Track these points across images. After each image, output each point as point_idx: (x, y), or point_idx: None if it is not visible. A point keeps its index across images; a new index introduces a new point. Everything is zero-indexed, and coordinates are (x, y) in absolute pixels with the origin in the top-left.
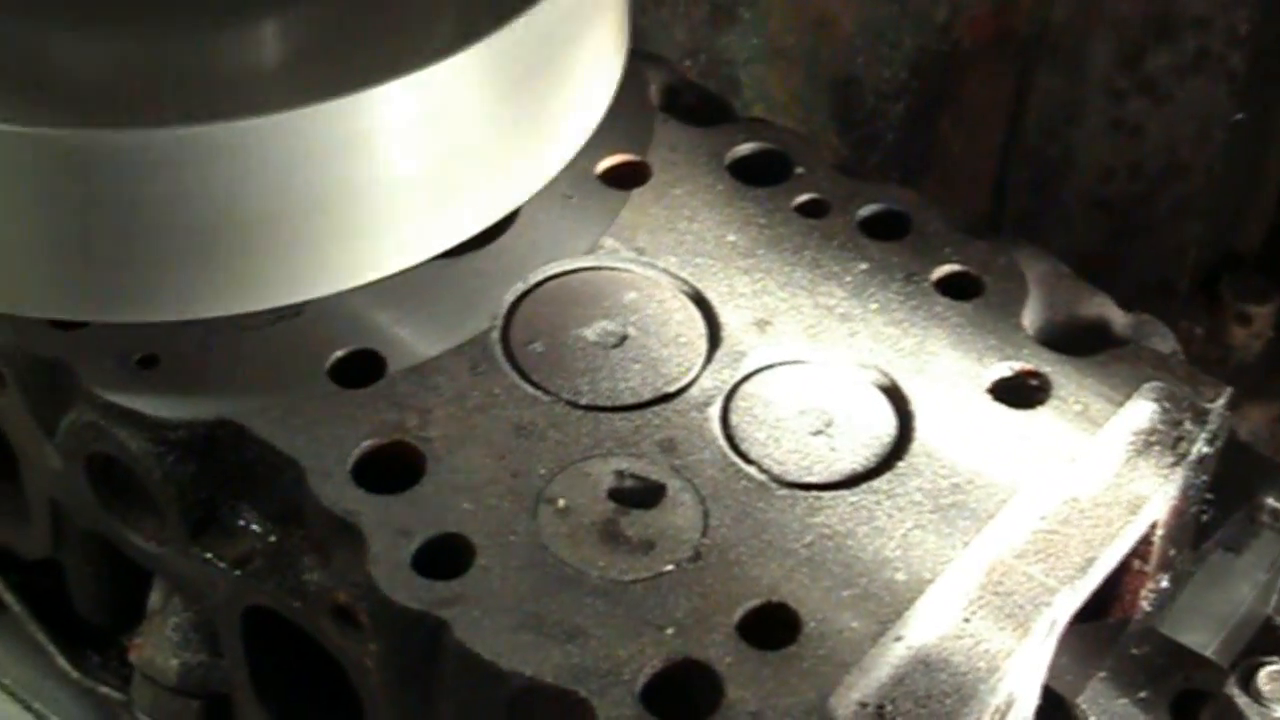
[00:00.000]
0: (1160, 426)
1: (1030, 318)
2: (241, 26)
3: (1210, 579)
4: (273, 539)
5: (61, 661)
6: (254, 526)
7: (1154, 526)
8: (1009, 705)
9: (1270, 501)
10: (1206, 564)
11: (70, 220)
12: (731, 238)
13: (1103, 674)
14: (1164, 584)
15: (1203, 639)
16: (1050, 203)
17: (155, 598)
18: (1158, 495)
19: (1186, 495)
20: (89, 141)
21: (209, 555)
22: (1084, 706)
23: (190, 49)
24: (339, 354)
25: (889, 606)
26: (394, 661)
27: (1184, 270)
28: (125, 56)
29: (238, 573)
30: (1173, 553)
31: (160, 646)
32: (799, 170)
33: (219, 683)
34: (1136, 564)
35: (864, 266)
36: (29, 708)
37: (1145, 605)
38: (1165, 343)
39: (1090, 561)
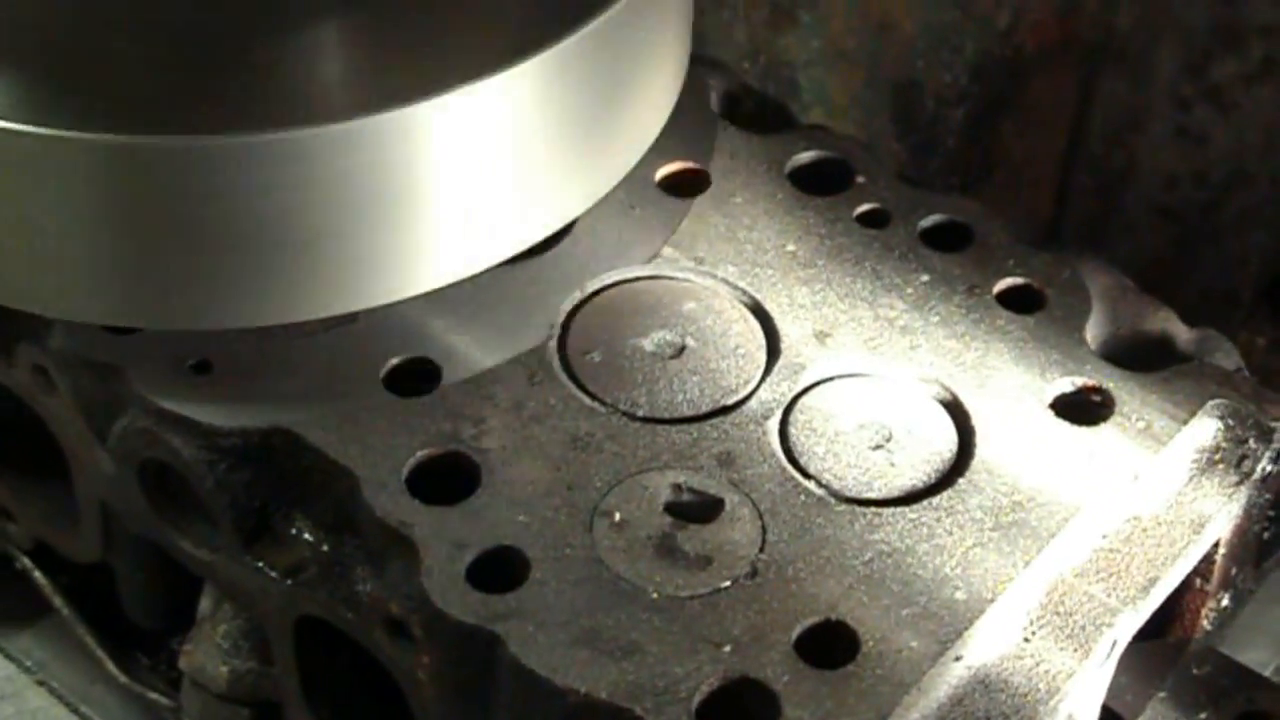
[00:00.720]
0: (1224, 444)
1: (1093, 332)
2: (302, 36)
3: (1272, 596)
4: (326, 548)
5: (110, 666)
6: (307, 535)
7: (1217, 545)
8: None
9: None
10: (1268, 581)
11: (125, 226)
12: (791, 247)
13: (1163, 694)
14: (1225, 602)
15: (1264, 656)
16: (1113, 210)
17: (205, 604)
18: (1221, 514)
19: (1250, 514)
20: (145, 148)
21: (261, 564)
22: None
23: (250, 58)
24: (394, 362)
25: (949, 626)
26: (447, 674)
27: (1247, 280)
28: (184, 65)
29: (290, 582)
30: (1234, 571)
31: (210, 653)
32: (860, 179)
33: (269, 690)
34: (1198, 583)
35: (925, 278)
36: (76, 710)
37: (1206, 624)
38: (1229, 359)
39: (1153, 581)
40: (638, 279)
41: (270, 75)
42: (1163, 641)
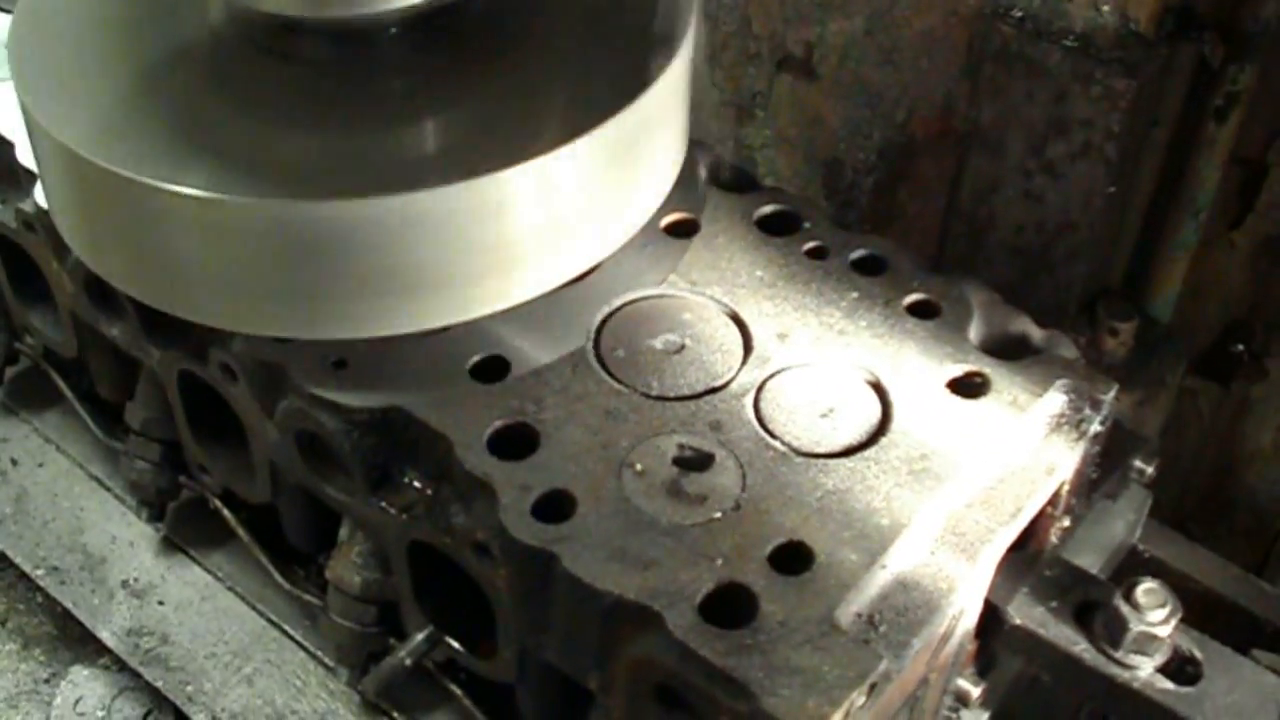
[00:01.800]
0: (1067, 412)
1: (974, 333)
2: (408, 125)
3: (1095, 519)
4: (430, 492)
5: (277, 576)
6: (416, 483)
7: (1062, 484)
8: (961, 614)
9: (1136, 463)
10: (1094, 509)
11: (287, 268)
12: (759, 273)
13: (1025, 589)
14: (1067, 523)
15: (1091, 561)
16: (979, 249)
17: (343, 532)
18: (1065, 462)
19: (1085, 461)
20: (298, 210)
21: (384, 504)
22: (1012, 613)
23: (372, 140)
24: (476, 358)
25: (877, 543)
26: (518, 583)
27: (1072, 297)
28: (324, 147)
29: (405, 517)
30: (1073, 502)
31: (347, 567)
32: (806, 224)
33: (390, 593)
34: (1049, 510)
35: (855, 295)
36: (253, 607)
37: (1054, 539)
38: (1069, 351)
39: (1019, 510)
40: (650, 297)
41: (389, 153)
42: (1024, 552)
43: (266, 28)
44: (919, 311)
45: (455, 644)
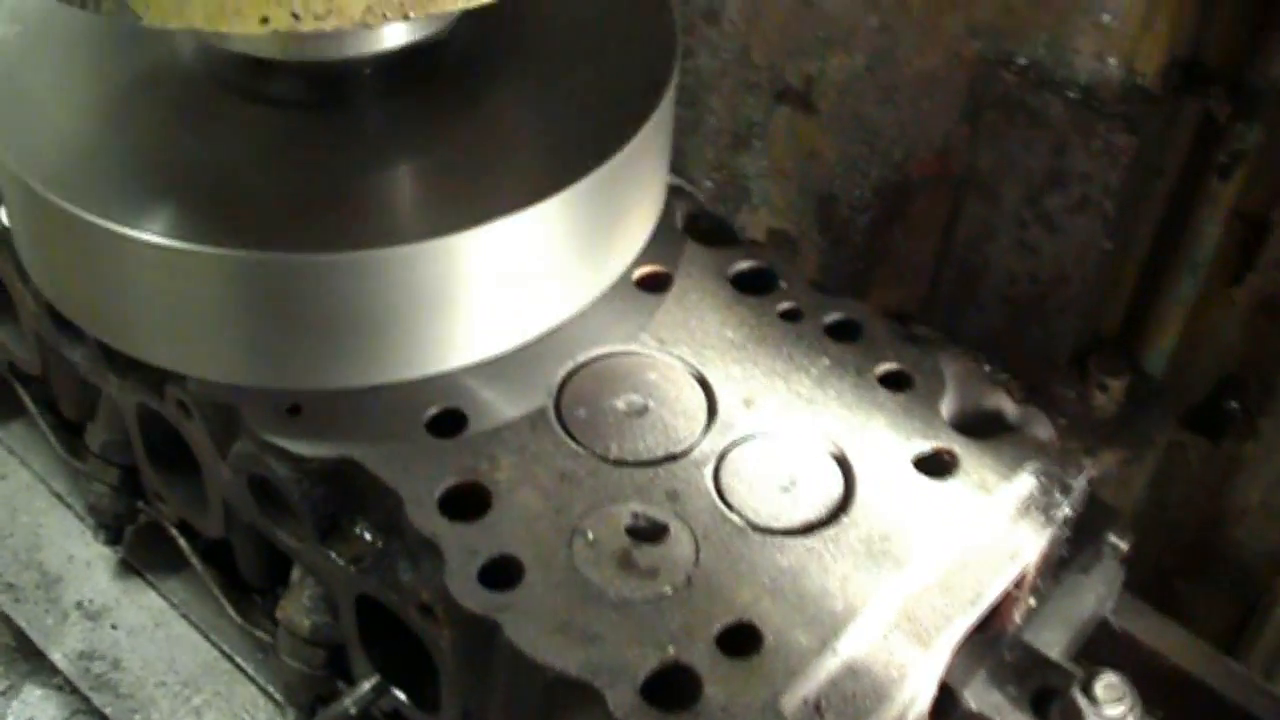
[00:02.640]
0: (1037, 495)
1: (947, 407)
2: (378, 172)
3: (1066, 593)
4: (379, 545)
5: (230, 609)
6: (366, 535)
7: (1026, 567)
8: (913, 700)
9: (1110, 538)
10: (1064, 584)
11: (244, 317)
12: (729, 334)
13: (984, 673)
14: (1032, 603)
15: (1059, 635)
16: (971, 295)
17: (295, 574)
18: (1031, 546)
19: (1053, 544)
20: (258, 262)
21: (333, 554)
22: (968, 698)
23: (340, 186)
24: (433, 410)
25: (828, 627)
26: (461, 646)
27: (1064, 350)
28: (291, 190)
29: (353, 569)
30: (1039, 583)
31: (298, 610)
32: (782, 284)
33: (340, 637)
34: (1014, 593)
35: (826, 362)
36: (207, 637)
37: (1018, 619)
38: (1045, 430)
39: (979, 596)
40: (616, 354)
41: (356, 203)
42: (986, 632)
43: (236, 65)
44: (891, 382)
45: (401, 695)
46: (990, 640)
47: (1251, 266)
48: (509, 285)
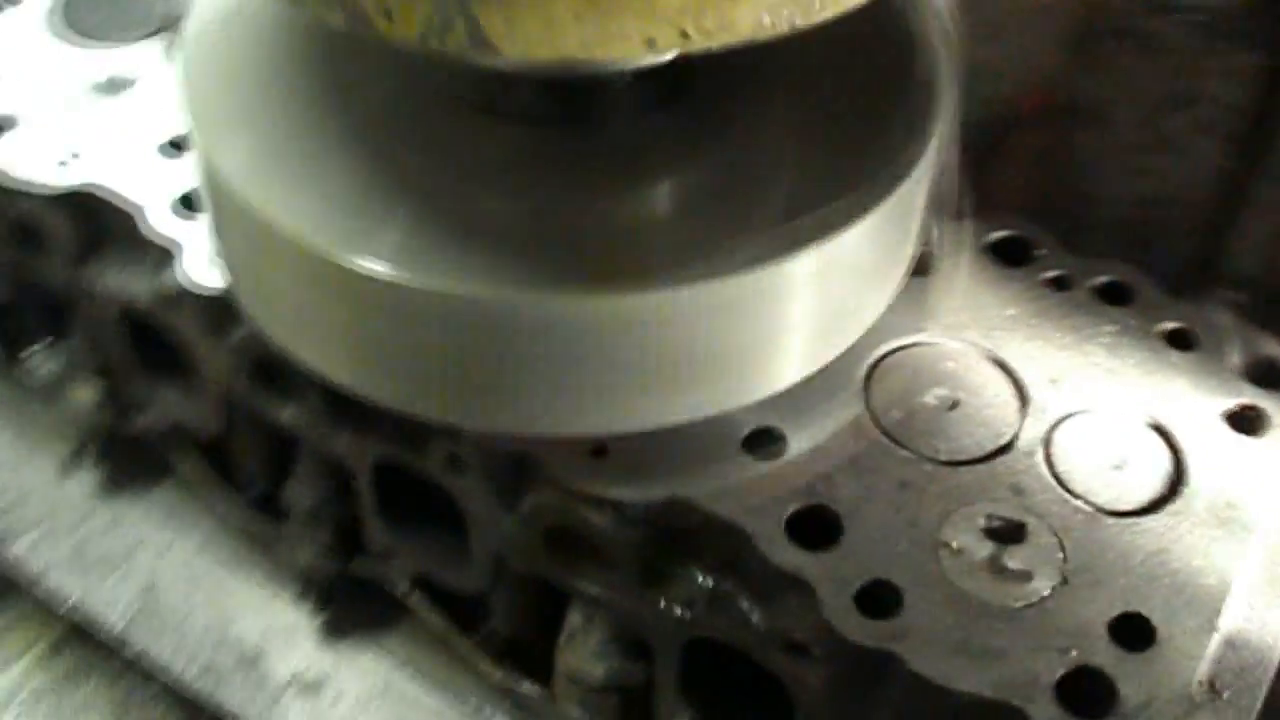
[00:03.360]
0: None
1: (1234, 360)
2: (668, 196)
3: None
4: (709, 585)
5: (486, 666)
6: (697, 577)
7: None
8: None
9: None
10: None
11: (551, 363)
12: (1010, 311)
13: None
14: None
15: None
16: (1081, 226)
17: (576, 619)
18: None
19: None
20: (550, 306)
21: (657, 601)
22: None
23: (599, 218)
24: (747, 431)
25: (1209, 605)
26: (841, 683)
27: (1182, 271)
28: (540, 217)
29: (685, 614)
30: None
31: (585, 657)
32: (1040, 251)
33: (635, 680)
34: None
35: (1111, 328)
36: (448, 697)
37: None
38: None
39: None
40: (907, 346)
41: (612, 228)
42: None
43: (473, 79)
44: (1178, 342)
45: None
46: None
47: None
48: (833, 302)
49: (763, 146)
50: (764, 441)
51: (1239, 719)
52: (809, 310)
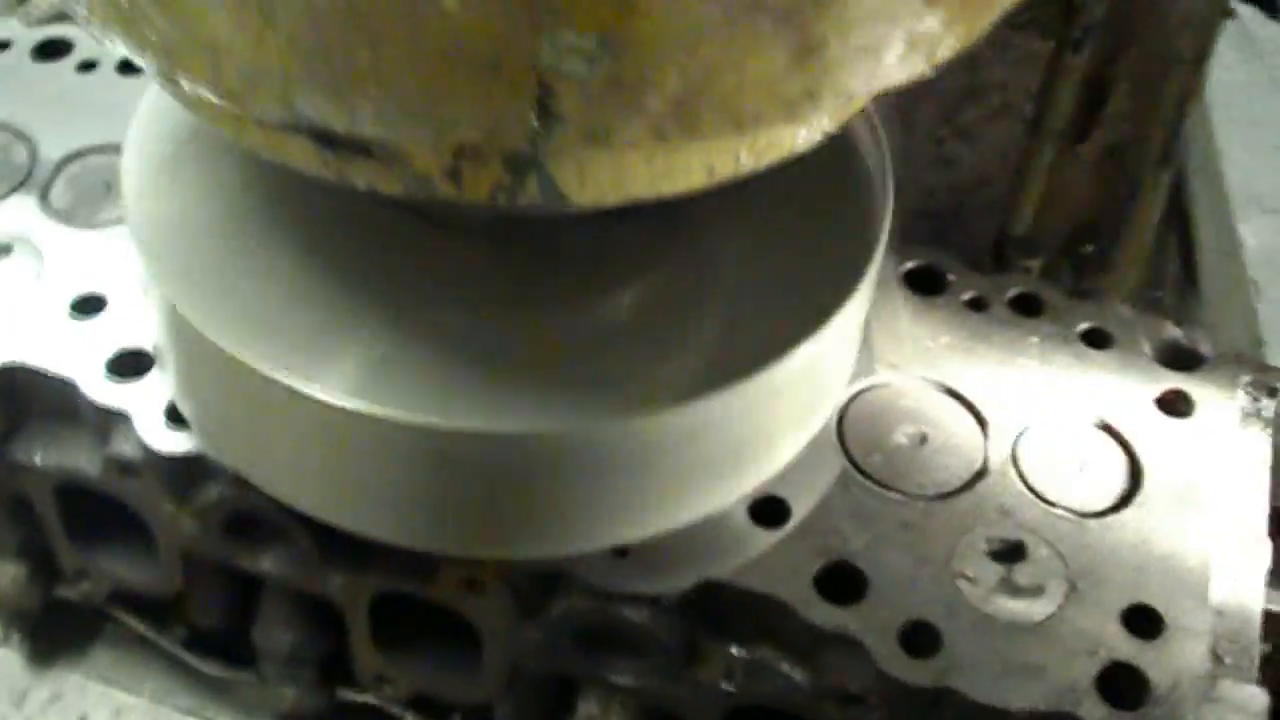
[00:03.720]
0: (1249, 406)
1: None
2: (614, 302)
3: None
4: (745, 655)
5: None
6: (733, 650)
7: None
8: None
9: None
10: None
11: (581, 484)
12: (944, 339)
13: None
14: None
15: None
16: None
17: (591, 709)
18: (1265, 451)
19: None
20: (556, 439)
21: (700, 679)
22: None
23: (548, 340)
24: (751, 501)
25: (1200, 585)
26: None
27: (985, 248)
28: (492, 345)
29: (728, 686)
30: None
31: None
32: (950, 276)
33: None
34: None
35: (1035, 340)
36: None
37: None
38: (1205, 344)
39: (1260, 509)
40: (864, 391)
41: (575, 359)
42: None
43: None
44: (1096, 341)
45: None
46: None
47: (1098, 123)
48: (823, 376)
49: (724, 246)
50: (771, 511)
51: (1245, 679)
52: (804, 392)
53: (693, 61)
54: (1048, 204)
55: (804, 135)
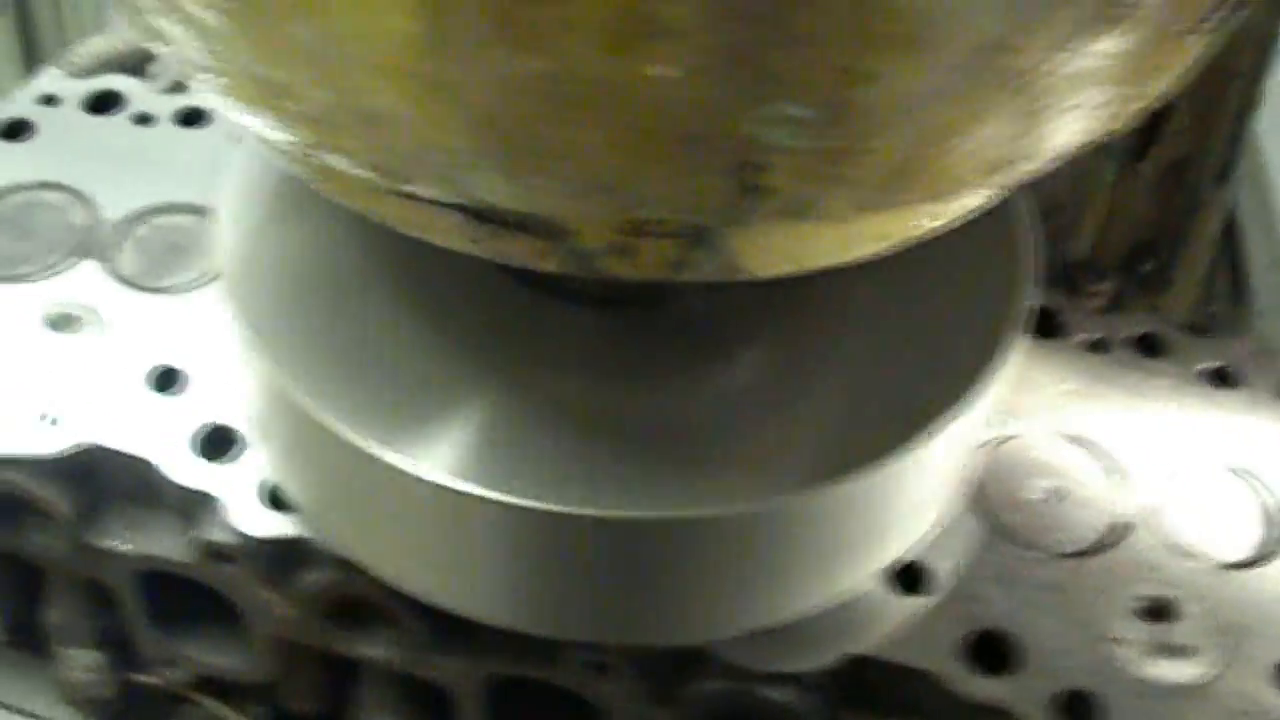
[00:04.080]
0: None
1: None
2: (732, 374)
3: None
4: None
5: None
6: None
7: None
8: None
9: None
10: None
11: (728, 570)
12: (1067, 386)
13: None
14: None
15: None
16: None
17: None
18: None
19: None
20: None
21: None
22: None
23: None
24: (892, 569)
25: None
26: None
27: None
28: (617, 408)
29: None
30: None
31: None
32: (1062, 316)
33: None
34: None
35: (1164, 381)
36: None
37: None
38: None
39: None
40: (989, 443)
41: (700, 434)
42: None
43: None
44: (1221, 380)
45: None
46: None
47: (1158, 140)
48: (956, 459)
49: (852, 304)
50: (912, 578)
51: None
52: (951, 461)
53: (917, 129)
54: (1108, 224)
55: (987, 197)
